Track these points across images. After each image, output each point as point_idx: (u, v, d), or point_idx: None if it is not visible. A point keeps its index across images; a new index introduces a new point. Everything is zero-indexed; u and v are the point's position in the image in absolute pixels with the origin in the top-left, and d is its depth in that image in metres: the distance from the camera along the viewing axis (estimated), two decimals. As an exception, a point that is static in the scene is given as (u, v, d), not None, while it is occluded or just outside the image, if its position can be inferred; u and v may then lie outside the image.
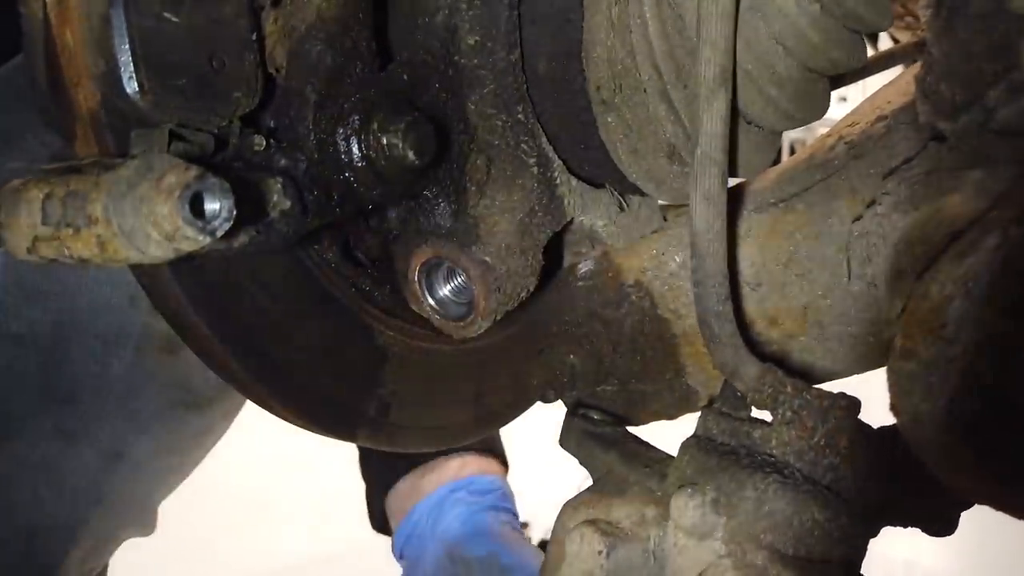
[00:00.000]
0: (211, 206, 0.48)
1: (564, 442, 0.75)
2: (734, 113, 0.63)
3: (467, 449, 1.41)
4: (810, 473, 0.59)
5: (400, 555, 1.40)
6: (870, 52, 1.08)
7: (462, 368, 0.86)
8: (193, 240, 0.47)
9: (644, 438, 0.78)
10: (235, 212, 0.48)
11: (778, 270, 0.65)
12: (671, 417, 0.77)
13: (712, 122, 0.56)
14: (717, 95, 0.55)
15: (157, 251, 0.48)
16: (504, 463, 1.49)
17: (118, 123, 0.54)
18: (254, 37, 0.58)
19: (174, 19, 0.54)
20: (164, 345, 1.03)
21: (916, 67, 0.60)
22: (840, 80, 0.85)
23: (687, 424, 0.81)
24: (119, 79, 0.53)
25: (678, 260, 0.71)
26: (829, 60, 0.61)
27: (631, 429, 0.78)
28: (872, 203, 0.56)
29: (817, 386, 0.59)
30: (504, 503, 1.42)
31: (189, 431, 1.10)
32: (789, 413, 0.56)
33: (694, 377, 0.73)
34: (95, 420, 1.01)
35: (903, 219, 0.52)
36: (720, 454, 0.60)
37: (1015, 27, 0.38)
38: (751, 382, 0.56)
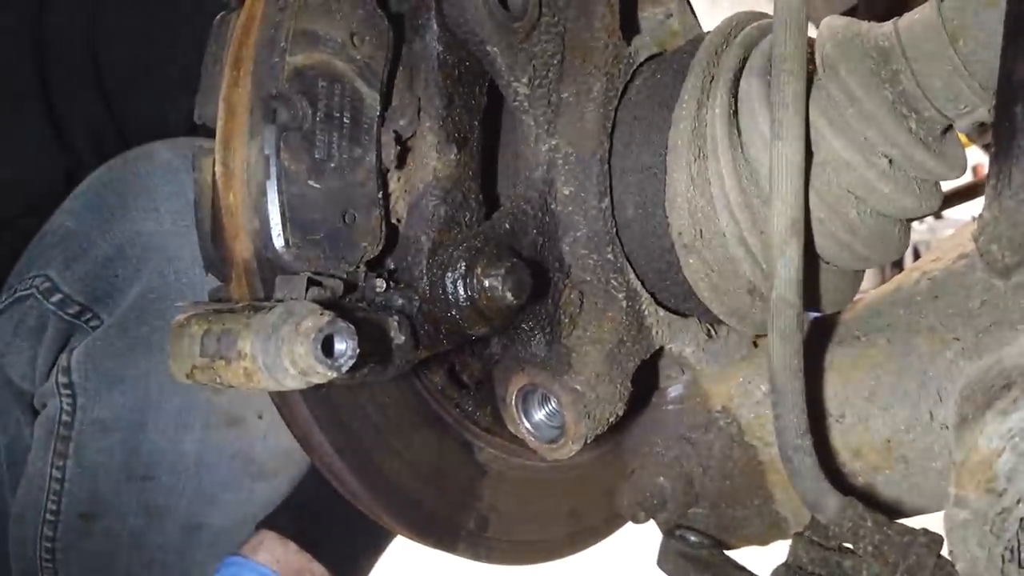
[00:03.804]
0: (339, 346, 0.56)
1: (662, 563, 0.77)
2: (814, 255, 0.68)
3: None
4: (899, 608, 0.59)
5: None
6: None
7: (556, 485, 0.90)
8: (323, 375, 0.55)
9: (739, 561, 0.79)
10: (359, 351, 0.56)
11: (861, 403, 0.67)
12: (762, 543, 0.78)
13: (786, 268, 0.60)
14: (789, 243, 0.60)
15: (292, 383, 0.57)
16: None
17: (266, 271, 0.64)
18: (380, 196, 0.67)
19: (316, 185, 0.64)
20: (228, 419, 1.11)
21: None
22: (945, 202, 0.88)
23: (781, 548, 0.82)
24: (269, 236, 0.63)
25: (763, 389, 0.74)
26: (900, 208, 0.65)
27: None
28: (946, 346, 0.59)
29: (900, 520, 0.60)
30: None
31: (259, 500, 1.16)
32: (870, 548, 0.57)
33: (783, 504, 0.75)
34: (173, 494, 1.09)
35: (969, 366, 0.54)
36: (807, 584, 0.61)
37: (1054, 199, 0.42)
38: (832, 515, 0.58)
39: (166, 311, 0.98)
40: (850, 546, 0.65)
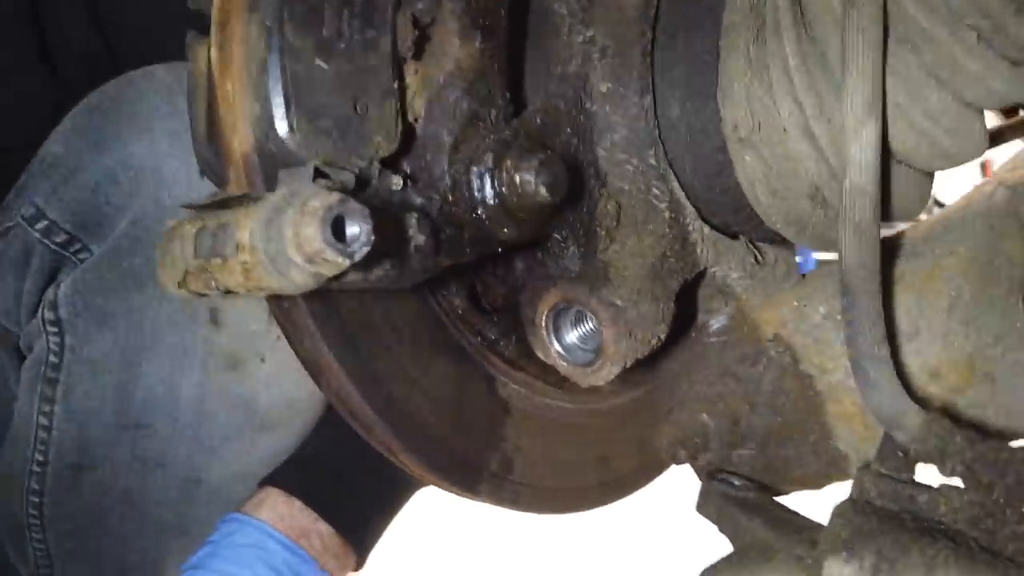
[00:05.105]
0: (351, 230, 0.48)
1: (702, 508, 0.69)
2: (884, 151, 0.60)
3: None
4: (989, 543, 0.52)
5: None
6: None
7: (585, 429, 0.83)
8: (333, 263, 0.48)
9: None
10: (373, 237, 0.49)
11: (938, 318, 0.60)
12: (817, 486, 0.71)
13: (862, 152, 0.53)
14: (866, 124, 0.53)
15: (298, 276, 0.49)
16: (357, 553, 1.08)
17: (268, 165, 0.57)
18: (396, 87, 0.60)
19: (324, 66, 0.57)
20: (228, 361, 1.01)
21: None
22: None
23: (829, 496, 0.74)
24: (271, 120, 0.56)
25: (823, 311, 0.67)
26: (988, 92, 0.57)
27: (771, 498, 0.72)
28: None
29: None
30: None
31: (262, 453, 1.06)
32: (960, 467, 0.50)
33: (843, 439, 0.67)
34: (170, 445, 1.00)
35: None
36: (880, 517, 0.53)
37: None
38: (915, 432, 0.51)
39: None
40: (923, 482, 0.58)
